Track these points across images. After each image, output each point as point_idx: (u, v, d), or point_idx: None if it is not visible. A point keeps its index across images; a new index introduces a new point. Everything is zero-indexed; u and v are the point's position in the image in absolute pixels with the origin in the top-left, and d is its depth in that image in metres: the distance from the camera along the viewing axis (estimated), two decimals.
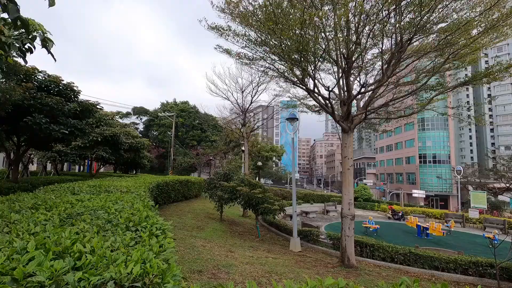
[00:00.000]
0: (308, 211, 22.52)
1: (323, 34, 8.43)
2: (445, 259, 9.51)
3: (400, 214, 24.13)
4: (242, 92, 21.65)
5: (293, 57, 9.02)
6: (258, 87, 20.74)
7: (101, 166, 25.74)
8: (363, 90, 10.48)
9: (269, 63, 10.42)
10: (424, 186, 51.72)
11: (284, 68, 10.31)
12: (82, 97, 13.80)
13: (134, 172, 35.47)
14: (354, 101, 10.99)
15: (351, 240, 9.42)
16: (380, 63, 9.88)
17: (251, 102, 21.92)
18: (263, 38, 9.13)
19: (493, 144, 74.08)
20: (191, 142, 53.86)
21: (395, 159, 64.78)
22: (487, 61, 68.37)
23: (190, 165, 46.10)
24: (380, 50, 9.36)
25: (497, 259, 8.29)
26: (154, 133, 56.59)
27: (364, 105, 10.43)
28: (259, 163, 37.68)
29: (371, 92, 10.23)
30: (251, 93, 21.38)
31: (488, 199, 30.90)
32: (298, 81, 9.96)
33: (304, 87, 9.97)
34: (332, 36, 8.70)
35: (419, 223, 17.83)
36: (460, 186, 38.24)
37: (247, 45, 9.72)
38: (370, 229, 16.79)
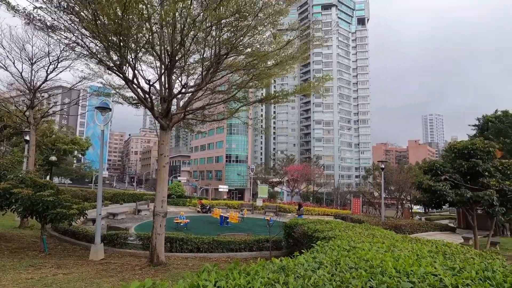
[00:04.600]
0: (117, 212, 20.47)
1: (147, 24, 7.99)
2: (238, 241, 11.56)
3: (208, 207, 26.98)
4: (32, 64, 16.47)
5: (110, 38, 7.91)
6: (59, 62, 16.45)
7: None
8: (183, 90, 10.85)
9: (77, 37, 8.56)
10: (228, 181, 60.70)
11: (98, 48, 8.83)
12: None
13: None
14: (175, 100, 11.16)
15: (161, 238, 9.43)
16: (201, 69, 10.63)
17: (46, 80, 17.09)
18: (70, 4, 7.39)
19: (274, 149, 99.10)
20: None
21: (207, 158, 71.86)
22: (275, 86, 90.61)
23: None
24: (201, 56, 10.07)
25: (271, 234, 11.07)
26: None
27: (183, 105, 10.83)
28: (53, 158, 30.17)
29: (191, 94, 10.78)
30: (46, 67, 16.64)
31: (268, 191, 40.80)
32: (114, 67, 8.83)
33: (122, 76, 8.97)
34: (158, 29, 8.44)
35: (222, 214, 20.69)
36: (252, 181, 48.16)
37: (44, 4, 7.51)
38: (181, 224, 17.59)
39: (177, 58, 9.25)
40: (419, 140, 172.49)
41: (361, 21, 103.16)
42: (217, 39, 8.89)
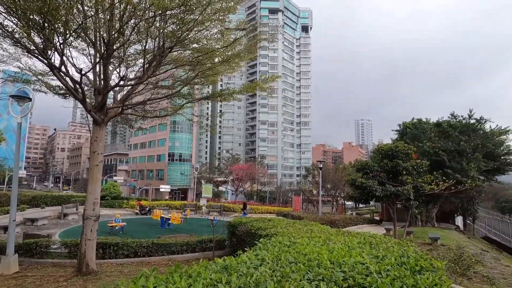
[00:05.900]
0: (36, 217, 17.94)
1: (80, 6, 7.15)
2: (180, 243, 11.15)
3: (147, 209, 25.42)
4: None
5: (32, 17, 6.85)
6: None
7: None
8: (122, 83, 10.01)
9: None
10: (170, 181, 58.17)
11: (15, 27, 7.56)
12: None
13: None
14: (111, 93, 10.23)
15: (92, 244, 8.55)
16: (142, 60, 9.92)
17: None
18: None
19: (220, 148, 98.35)
20: None
21: (147, 156, 67.73)
22: (222, 85, 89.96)
23: None
24: (143, 48, 9.41)
25: (215, 234, 10.94)
26: None
27: (121, 99, 9.99)
28: None
29: (130, 87, 10.00)
30: None
31: (213, 190, 40.31)
32: (37, 51, 7.68)
33: (46, 62, 7.85)
34: (93, 13, 7.60)
35: (163, 215, 19.71)
36: (196, 180, 47.02)
37: None
38: (116, 228, 16.27)
39: (115, 47, 8.48)
40: (352, 142, 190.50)
41: (305, 29, 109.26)
42: (161, 30, 8.41)
